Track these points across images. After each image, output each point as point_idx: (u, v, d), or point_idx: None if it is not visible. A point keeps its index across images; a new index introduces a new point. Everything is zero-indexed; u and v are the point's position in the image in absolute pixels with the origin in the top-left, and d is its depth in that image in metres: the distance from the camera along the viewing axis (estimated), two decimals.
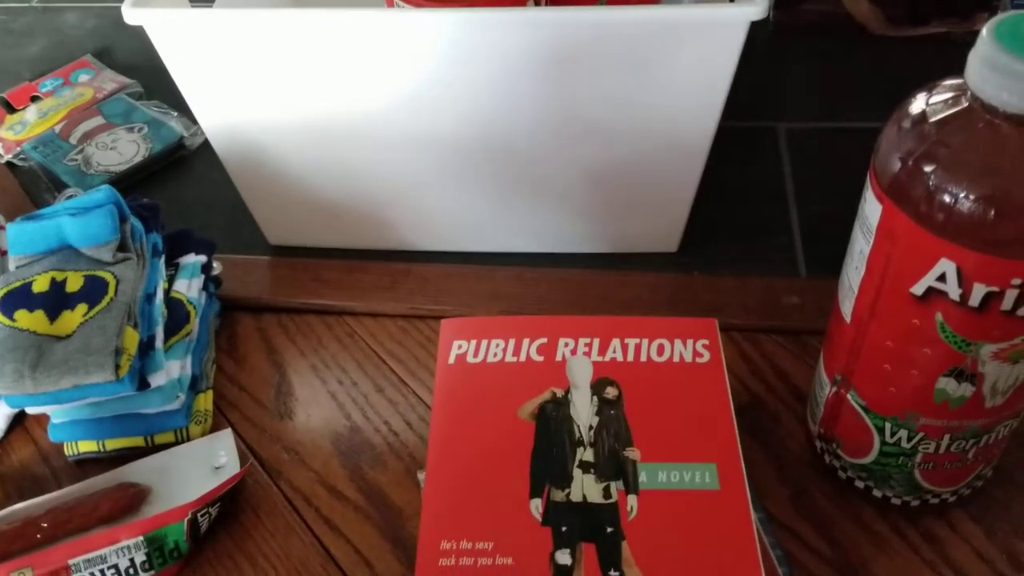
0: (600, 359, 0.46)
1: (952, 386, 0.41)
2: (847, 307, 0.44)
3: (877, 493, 0.48)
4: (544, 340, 0.47)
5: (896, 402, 0.43)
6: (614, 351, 0.47)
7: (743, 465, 0.42)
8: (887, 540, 0.48)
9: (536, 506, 0.41)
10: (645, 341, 0.47)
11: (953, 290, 0.37)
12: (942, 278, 0.38)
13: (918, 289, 0.39)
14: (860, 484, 0.48)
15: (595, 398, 0.45)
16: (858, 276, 0.42)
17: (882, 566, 0.47)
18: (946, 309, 0.38)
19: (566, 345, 0.47)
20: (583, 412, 0.44)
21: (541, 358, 0.47)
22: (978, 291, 0.37)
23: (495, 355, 0.47)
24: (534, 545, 0.40)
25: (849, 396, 0.45)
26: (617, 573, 0.39)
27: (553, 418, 0.44)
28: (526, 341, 0.48)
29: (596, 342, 0.47)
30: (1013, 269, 0.36)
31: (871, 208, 0.40)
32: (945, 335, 0.39)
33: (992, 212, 0.35)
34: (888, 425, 0.44)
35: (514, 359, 0.47)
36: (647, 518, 0.40)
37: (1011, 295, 0.37)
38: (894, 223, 0.38)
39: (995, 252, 0.36)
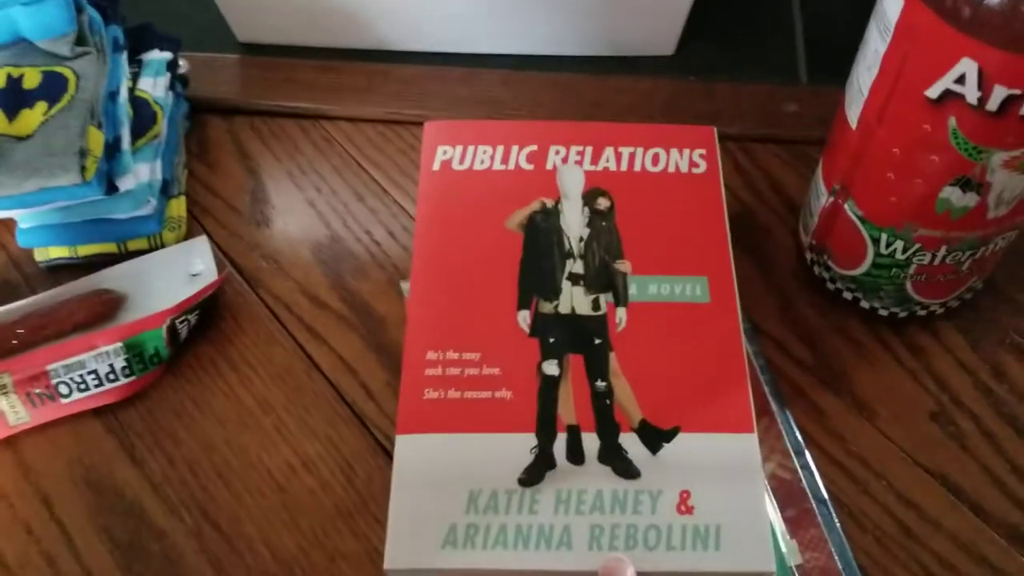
0: (592, 168, 0.45)
1: (957, 196, 0.39)
2: (854, 112, 0.41)
3: (865, 304, 0.47)
4: (534, 147, 0.45)
5: (895, 212, 0.42)
6: (607, 160, 0.45)
7: (735, 280, 0.41)
8: (870, 350, 0.48)
9: (524, 318, 0.40)
10: (640, 150, 0.45)
11: (971, 93, 0.35)
12: (961, 80, 0.35)
13: (934, 91, 0.36)
14: (848, 296, 0.48)
15: (586, 209, 0.43)
16: (869, 78, 0.39)
17: (863, 375, 0.47)
18: (961, 113, 0.36)
19: (557, 153, 0.45)
20: (573, 223, 0.43)
21: (531, 166, 0.45)
22: (998, 94, 0.35)
23: (482, 162, 0.45)
24: (521, 356, 0.39)
25: (846, 206, 0.44)
26: (604, 383, 0.39)
27: (542, 229, 0.43)
28: (515, 148, 0.45)
29: (588, 150, 0.45)
30: None
31: (891, 3, 0.37)
32: (956, 141, 0.37)
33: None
34: (884, 236, 0.43)
35: (502, 167, 0.45)
36: (636, 330, 0.40)
37: None
38: (915, 18, 0.36)
39: (1022, 51, 0.33)
